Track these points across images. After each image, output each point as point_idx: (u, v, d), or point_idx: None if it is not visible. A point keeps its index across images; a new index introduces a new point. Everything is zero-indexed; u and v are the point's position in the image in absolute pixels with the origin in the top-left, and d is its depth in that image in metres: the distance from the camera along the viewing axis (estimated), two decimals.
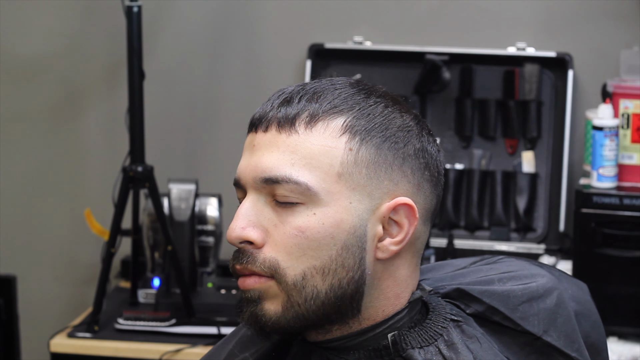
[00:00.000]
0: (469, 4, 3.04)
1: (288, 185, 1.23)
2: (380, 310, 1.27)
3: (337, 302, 1.24)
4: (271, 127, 1.26)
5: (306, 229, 1.23)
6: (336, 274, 1.23)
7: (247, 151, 1.29)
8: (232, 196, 2.99)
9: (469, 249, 2.91)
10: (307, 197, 1.23)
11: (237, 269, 1.27)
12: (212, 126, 3.18)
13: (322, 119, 1.24)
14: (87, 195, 3.23)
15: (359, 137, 1.24)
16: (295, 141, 1.24)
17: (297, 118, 1.25)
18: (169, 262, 2.83)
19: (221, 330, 2.77)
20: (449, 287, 1.33)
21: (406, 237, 1.26)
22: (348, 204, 1.24)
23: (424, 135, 1.28)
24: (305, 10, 3.10)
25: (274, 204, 1.25)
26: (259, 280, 1.25)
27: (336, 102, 1.25)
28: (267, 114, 1.28)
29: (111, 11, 3.06)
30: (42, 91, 3.23)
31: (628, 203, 2.62)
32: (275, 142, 1.25)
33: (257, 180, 1.26)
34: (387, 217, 1.25)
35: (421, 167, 1.27)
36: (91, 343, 2.79)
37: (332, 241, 1.23)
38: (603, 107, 2.69)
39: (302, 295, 1.23)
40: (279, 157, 1.25)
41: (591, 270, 2.61)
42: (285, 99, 1.27)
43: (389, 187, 1.25)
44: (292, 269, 1.24)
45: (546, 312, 1.31)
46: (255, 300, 1.25)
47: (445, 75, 2.98)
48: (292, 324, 1.25)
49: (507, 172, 2.97)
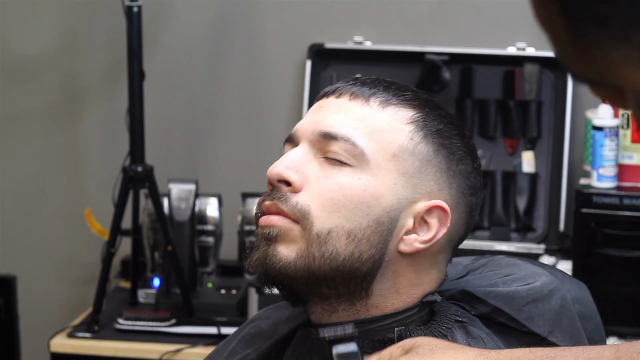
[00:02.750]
0: (469, 4, 3.04)
1: (345, 144, 1.26)
2: (389, 302, 1.27)
3: (349, 275, 1.24)
4: (344, 95, 1.30)
5: (347, 188, 1.25)
6: (360, 244, 1.24)
7: (311, 112, 1.32)
8: (232, 196, 3.01)
9: (469, 249, 2.90)
10: (358, 161, 1.25)
11: (266, 204, 1.27)
12: (212, 126, 3.18)
13: (395, 105, 1.28)
14: (87, 195, 3.23)
15: (423, 133, 1.28)
16: (364, 112, 1.28)
17: (373, 96, 1.29)
18: (169, 262, 2.83)
19: (221, 330, 2.77)
20: (454, 290, 1.33)
21: (433, 239, 1.27)
22: (393, 184, 1.26)
23: (475, 165, 1.31)
24: (305, 10, 3.10)
25: (322, 161, 1.27)
26: (283, 219, 1.26)
27: (410, 97, 1.29)
28: (342, 86, 1.31)
29: (111, 11, 3.06)
30: (42, 91, 3.23)
31: (628, 203, 2.62)
32: (344, 107, 1.29)
33: (315, 133, 1.28)
34: (421, 215, 1.26)
35: (466, 189, 1.30)
36: (91, 343, 2.79)
37: (367, 210, 1.24)
38: (603, 107, 2.69)
39: (321, 250, 1.24)
40: (345, 119, 1.27)
41: (591, 270, 2.61)
42: (362, 81, 1.31)
43: (433, 189, 1.27)
44: (321, 220, 1.24)
45: (551, 313, 1.31)
46: (271, 239, 1.25)
47: (445, 75, 2.98)
48: (299, 275, 1.24)
49: (507, 172, 2.97)
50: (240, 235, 2.85)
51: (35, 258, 3.29)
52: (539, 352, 1.14)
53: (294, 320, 1.35)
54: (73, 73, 3.22)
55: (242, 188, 2.93)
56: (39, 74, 3.23)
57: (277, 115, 3.13)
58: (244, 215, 2.84)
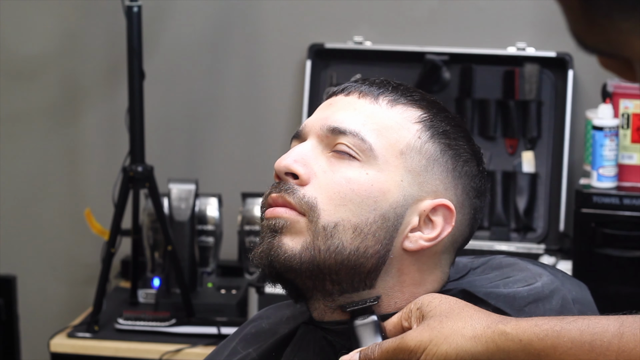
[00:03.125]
0: (469, 4, 3.04)
1: (353, 139, 1.27)
2: (393, 301, 1.28)
3: (353, 270, 1.25)
4: (353, 93, 1.31)
5: (354, 182, 1.25)
6: (366, 239, 1.25)
7: (320, 109, 1.33)
8: (232, 196, 3.00)
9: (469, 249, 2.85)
10: (366, 156, 1.26)
11: (273, 197, 1.27)
12: (212, 126, 3.18)
13: (403, 104, 1.30)
14: (87, 195, 3.23)
15: (430, 132, 1.29)
16: (373, 109, 1.29)
17: (381, 95, 1.30)
18: (169, 262, 2.83)
19: (221, 330, 2.77)
20: (455, 290, 1.33)
21: (437, 238, 1.27)
22: (399, 180, 1.27)
23: (480, 168, 1.33)
24: (305, 10, 3.10)
25: (330, 155, 1.28)
26: (290, 211, 1.26)
27: (418, 98, 1.31)
28: (351, 85, 1.32)
29: (111, 11, 3.06)
30: (42, 91, 3.23)
31: (628, 203, 2.62)
32: (353, 104, 1.30)
33: (324, 129, 1.29)
34: (427, 213, 1.27)
35: (471, 191, 1.31)
36: (91, 343, 2.79)
37: (374, 205, 1.25)
38: (603, 107, 2.69)
39: (326, 243, 1.24)
40: (354, 115, 1.29)
41: (591, 270, 2.61)
42: (370, 81, 1.32)
43: (438, 188, 1.28)
44: (328, 214, 1.25)
45: (552, 313, 1.31)
46: (277, 230, 1.26)
47: (445, 75, 2.98)
48: (303, 268, 1.24)
49: (507, 172, 2.97)
50: (240, 235, 2.85)
51: (35, 258, 3.29)
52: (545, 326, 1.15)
53: (295, 320, 1.35)
54: (73, 73, 3.22)
55: (242, 188, 2.93)
56: (39, 74, 3.23)
57: (277, 115, 3.13)
58: (244, 215, 2.84)
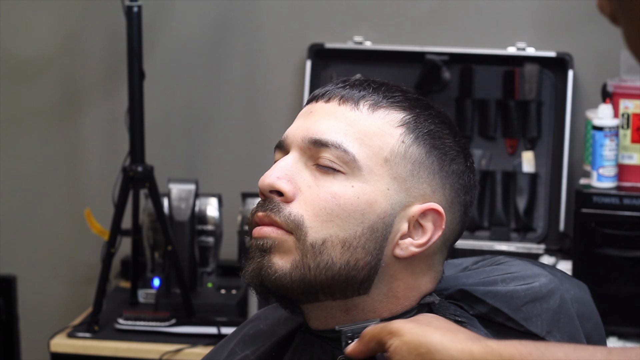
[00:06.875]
0: (469, 4, 3.04)
1: (336, 151, 1.25)
2: (387, 307, 1.27)
3: (345, 283, 1.24)
4: (334, 99, 1.28)
5: (340, 197, 1.24)
6: (355, 252, 1.24)
7: (301, 117, 1.30)
8: (232, 196, 3.00)
9: (469, 249, 2.91)
10: (350, 168, 1.25)
11: (259, 216, 1.26)
12: (212, 126, 3.18)
13: (385, 108, 1.27)
14: (87, 195, 3.23)
15: (414, 135, 1.27)
16: (354, 116, 1.27)
17: (362, 99, 1.27)
18: (169, 262, 2.83)
19: (221, 330, 2.77)
20: (452, 289, 1.33)
21: (427, 243, 1.27)
22: (386, 189, 1.25)
23: (468, 163, 1.31)
24: (305, 10, 3.10)
25: (313, 168, 1.26)
26: (277, 230, 1.25)
27: (400, 99, 1.28)
28: (331, 90, 1.30)
29: (111, 11, 3.06)
30: (42, 91, 3.23)
31: (628, 203, 2.62)
32: (334, 112, 1.28)
33: (306, 141, 1.26)
34: (416, 218, 1.26)
35: (460, 189, 1.29)
36: (91, 343, 2.79)
37: (362, 217, 1.24)
38: (603, 107, 2.69)
39: (316, 260, 1.23)
40: (335, 125, 1.26)
41: (591, 270, 2.61)
42: (351, 83, 1.30)
43: (426, 191, 1.27)
44: (315, 231, 1.23)
45: (549, 313, 1.31)
46: (265, 250, 1.24)
47: (445, 75, 2.98)
48: (295, 286, 1.24)
49: (507, 172, 2.97)
50: (240, 235, 2.85)
51: (35, 258, 3.29)
52: (530, 345, 1.14)
53: (292, 320, 1.35)
54: (73, 73, 3.22)
55: (242, 188, 2.93)
56: (38, 74, 3.23)
57: (277, 116, 3.13)
58: (244, 215, 2.84)
